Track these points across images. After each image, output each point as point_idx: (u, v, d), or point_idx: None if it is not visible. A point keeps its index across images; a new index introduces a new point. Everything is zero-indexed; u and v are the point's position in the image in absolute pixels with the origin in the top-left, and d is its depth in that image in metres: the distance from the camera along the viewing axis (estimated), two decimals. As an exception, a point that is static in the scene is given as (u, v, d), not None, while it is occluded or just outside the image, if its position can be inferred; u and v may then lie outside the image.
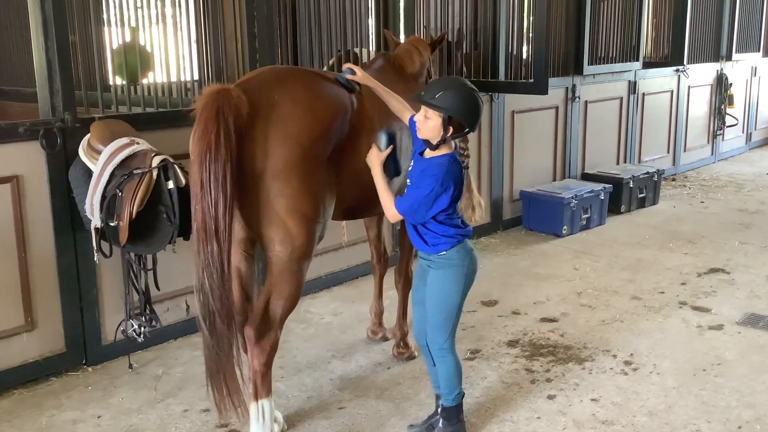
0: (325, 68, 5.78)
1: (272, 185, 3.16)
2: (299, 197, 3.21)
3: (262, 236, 3.27)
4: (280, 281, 3.29)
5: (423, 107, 3.19)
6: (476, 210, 3.28)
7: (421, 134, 3.23)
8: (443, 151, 3.24)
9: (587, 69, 7.85)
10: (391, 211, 3.32)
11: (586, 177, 8.03)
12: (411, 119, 3.37)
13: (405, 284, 4.38)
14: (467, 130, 3.22)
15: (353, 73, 3.56)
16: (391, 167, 3.39)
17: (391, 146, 3.36)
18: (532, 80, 6.26)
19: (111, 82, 5.61)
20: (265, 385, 3.34)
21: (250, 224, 3.29)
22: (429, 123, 3.18)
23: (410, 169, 3.42)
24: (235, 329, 3.17)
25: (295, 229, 3.22)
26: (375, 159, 3.37)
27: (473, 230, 3.42)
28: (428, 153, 3.28)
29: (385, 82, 3.85)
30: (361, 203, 3.76)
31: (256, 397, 3.33)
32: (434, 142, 3.21)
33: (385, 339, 4.61)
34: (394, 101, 3.60)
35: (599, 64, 8.12)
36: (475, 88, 3.25)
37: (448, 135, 3.18)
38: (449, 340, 3.42)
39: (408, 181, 3.37)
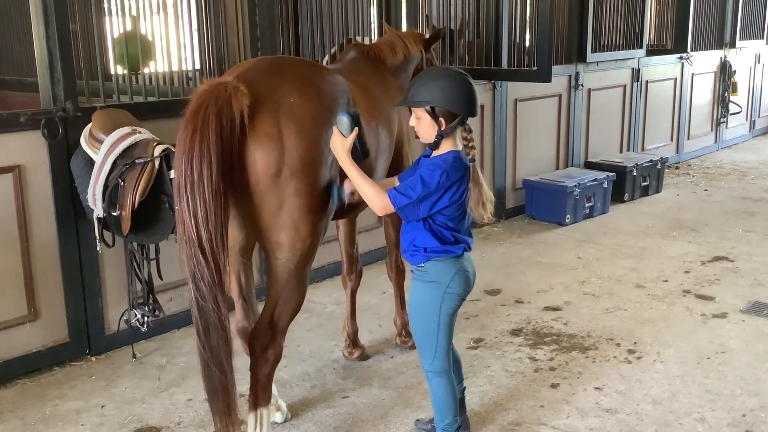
0: (326, 57, 5.76)
1: (288, 185, 2.92)
2: (315, 196, 3.01)
3: (270, 242, 3.02)
4: (286, 290, 3.09)
5: (412, 110, 3.03)
6: (487, 206, 3.03)
7: (422, 138, 3.04)
8: (447, 148, 3.01)
9: (590, 56, 7.82)
10: (381, 202, 2.97)
11: (590, 165, 8.01)
12: (422, 156, 3.12)
13: (397, 275, 4.32)
14: (461, 116, 2.98)
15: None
16: (358, 150, 3.03)
17: (356, 129, 2.99)
18: (535, 68, 6.22)
19: (112, 72, 5.59)
20: (266, 394, 3.18)
21: (256, 230, 3.05)
22: (422, 123, 2.99)
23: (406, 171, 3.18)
24: (230, 344, 2.93)
25: (305, 232, 3.01)
26: (340, 146, 2.97)
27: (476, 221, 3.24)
28: (432, 154, 3.08)
29: (357, 74, 3.70)
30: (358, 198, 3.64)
31: (256, 406, 3.16)
32: (433, 141, 3.00)
33: (363, 358, 4.29)
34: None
35: (602, 51, 8.09)
36: (460, 71, 3.05)
37: (443, 128, 2.96)
38: (435, 363, 3.14)
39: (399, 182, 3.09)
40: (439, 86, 2.96)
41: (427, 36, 4.51)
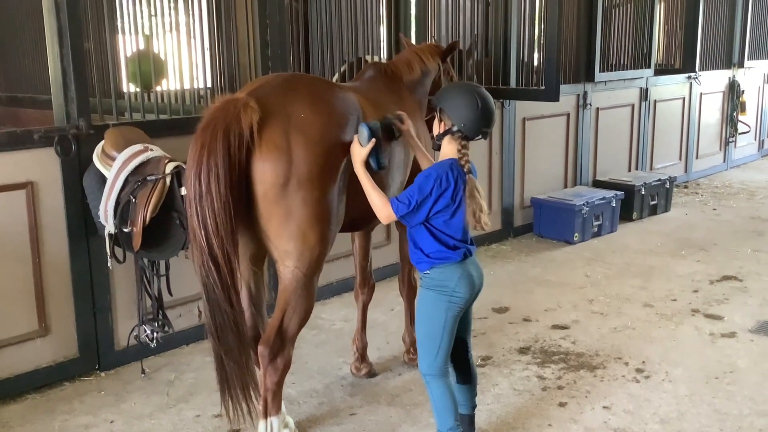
0: (336, 75, 5.80)
1: (296, 195, 3.05)
2: (322, 207, 3.12)
3: (278, 250, 3.15)
4: (294, 298, 3.19)
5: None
6: (480, 217, 3.09)
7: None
8: (448, 155, 3.17)
9: (599, 76, 7.84)
10: (385, 211, 3.17)
11: (598, 184, 8.02)
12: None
13: (409, 291, 4.34)
14: (455, 126, 3.12)
15: (401, 120, 3.47)
16: (373, 162, 3.22)
17: (374, 140, 3.18)
18: (543, 87, 6.25)
19: (125, 90, 5.65)
20: (276, 402, 3.29)
21: (265, 238, 3.17)
22: (435, 120, 3.25)
23: None
24: (246, 341, 3.15)
25: (313, 241, 3.13)
26: (357, 154, 3.20)
27: (486, 237, 3.31)
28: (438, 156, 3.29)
29: (376, 93, 3.80)
30: (367, 212, 3.63)
31: (266, 415, 3.28)
32: (436, 141, 3.24)
33: (370, 375, 4.28)
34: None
35: (611, 71, 8.11)
36: (482, 91, 3.16)
37: (441, 131, 3.17)
38: (434, 366, 3.23)
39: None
40: (453, 94, 3.17)
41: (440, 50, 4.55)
